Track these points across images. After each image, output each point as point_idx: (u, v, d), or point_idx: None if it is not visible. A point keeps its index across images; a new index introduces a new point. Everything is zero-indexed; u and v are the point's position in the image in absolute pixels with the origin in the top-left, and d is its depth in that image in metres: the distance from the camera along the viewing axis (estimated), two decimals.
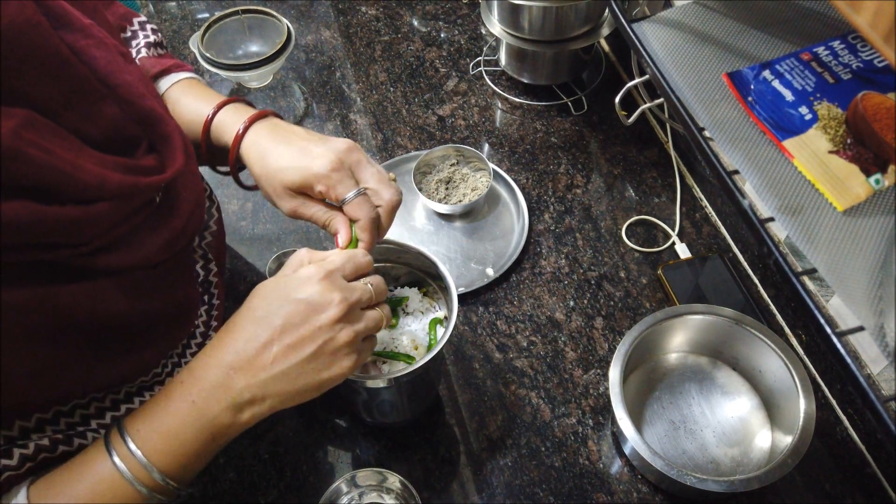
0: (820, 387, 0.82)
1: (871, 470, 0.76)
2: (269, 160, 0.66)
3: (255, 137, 0.67)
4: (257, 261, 0.95)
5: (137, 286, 0.57)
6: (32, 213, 0.45)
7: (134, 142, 0.57)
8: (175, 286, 0.64)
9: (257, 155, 0.67)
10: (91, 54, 0.53)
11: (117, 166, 0.52)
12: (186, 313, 0.67)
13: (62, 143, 0.48)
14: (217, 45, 1.12)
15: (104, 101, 0.54)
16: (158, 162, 0.58)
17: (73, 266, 0.51)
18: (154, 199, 0.58)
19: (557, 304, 0.91)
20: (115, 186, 0.51)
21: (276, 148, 0.66)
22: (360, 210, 0.63)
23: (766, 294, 0.89)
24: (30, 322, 0.48)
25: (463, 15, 1.28)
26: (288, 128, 0.69)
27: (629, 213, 0.99)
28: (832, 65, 0.62)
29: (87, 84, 0.52)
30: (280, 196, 0.66)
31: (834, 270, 0.53)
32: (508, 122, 1.12)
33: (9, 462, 0.51)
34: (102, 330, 0.54)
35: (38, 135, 0.46)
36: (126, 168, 0.53)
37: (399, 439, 0.80)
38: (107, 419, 0.59)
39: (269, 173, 0.65)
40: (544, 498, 0.76)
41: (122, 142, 0.55)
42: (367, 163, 0.66)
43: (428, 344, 0.71)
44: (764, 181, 0.58)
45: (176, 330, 0.66)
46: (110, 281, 0.54)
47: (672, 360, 0.84)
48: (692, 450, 0.77)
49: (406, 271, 0.76)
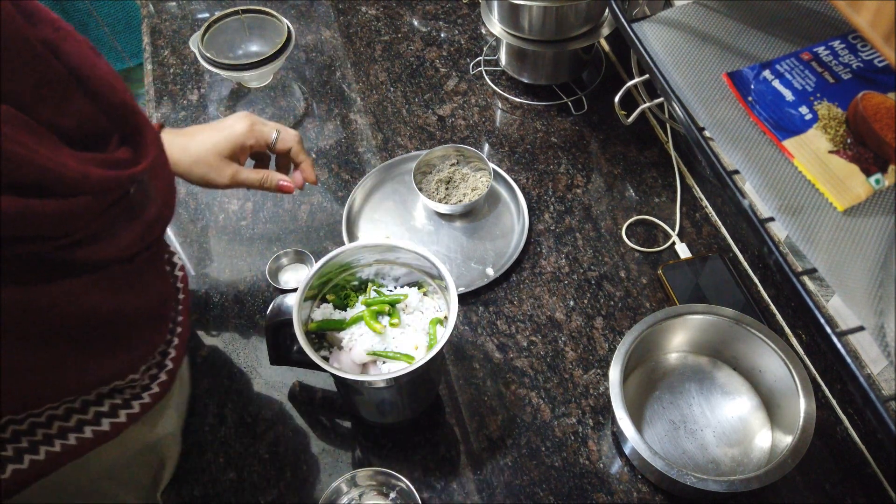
0: (820, 387, 0.82)
1: (871, 470, 0.76)
2: (193, 146, 0.78)
3: (168, 138, 0.76)
4: (257, 260, 0.95)
5: (116, 282, 0.58)
6: (16, 207, 0.45)
7: (105, 135, 0.57)
8: (151, 281, 0.65)
9: (180, 149, 0.77)
10: (63, 48, 0.53)
11: (95, 161, 0.52)
12: (163, 313, 0.68)
13: (41, 140, 0.48)
14: (217, 44, 1.12)
15: (75, 94, 0.53)
16: (132, 154, 0.58)
17: (53, 262, 0.51)
18: (129, 191, 0.59)
19: (557, 303, 0.91)
20: (96, 181, 0.51)
21: (192, 138, 0.78)
22: (289, 140, 0.82)
23: (766, 294, 0.89)
24: (11, 322, 0.48)
25: (463, 15, 1.28)
26: (180, 129, 0.81)
27: (629, 213, 0.99)
28: (832, 65, 0.62)
29: (59, 77, 0.52)
30: (218, 168, 0.78)
31: (834, 270, 0.53)
32: (508, 122, 1.12)
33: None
34: (83, 329, 0.55)
35: (18, 131, 0.46)
36: (103, 163, 0.53)
37: (399, 439, 0.80)
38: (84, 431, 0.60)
39: (200, 154, 0.78)
40: (544, 498, 0.76)
41: (95, 135, 0.56)
42: (263, 121, 0.82)
43: (428, 344, 0.71)
44: (764, 181, 0.58)
45: (154, 334, 0.67)
46: (89, 278, 0.55)
47: (672, 360, 0.84)
48: (692, 450, 0.77)
49: (406, 271, 0.76)
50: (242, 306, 0.91)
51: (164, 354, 0.70)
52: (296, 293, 0.69)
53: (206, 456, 0.79)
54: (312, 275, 0.71)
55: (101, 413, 0.62)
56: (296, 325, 0.67)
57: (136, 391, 0.66)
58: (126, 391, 0.65)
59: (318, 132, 1.11)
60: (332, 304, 0.74)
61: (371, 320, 0.71)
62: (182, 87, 1.18)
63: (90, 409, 0.62)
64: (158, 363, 0.69)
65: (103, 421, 0.62)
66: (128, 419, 0.64)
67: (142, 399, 0.66)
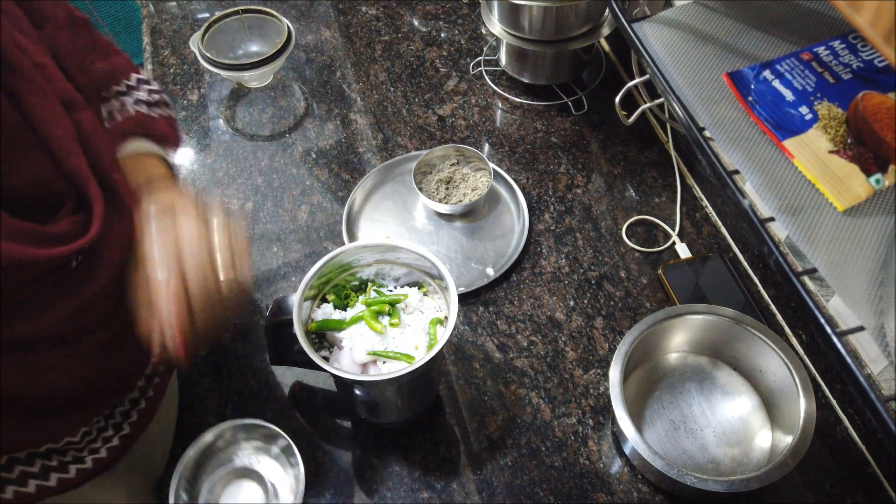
0: (820, 387, 0.82)
1: (871, 470, 0.76)
2: None
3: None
4: (257, 260, 0.95)
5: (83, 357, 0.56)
6: None
7: (59, 199, 0.52)
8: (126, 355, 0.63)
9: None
10: (28, 101, 0.49)
11: (16, 233, 0.47)
12: (130, 378, 0.67)
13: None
14: (217, 44, 1.12)
15: (33, 151, 0.50)
16: (81, 225, 0.52)
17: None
18: (70, 264, 0.53)
19: (557, 303, 0.91)
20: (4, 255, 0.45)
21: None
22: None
23: (766, 294, 0.89)
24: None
25: (463, 15, 1.28)
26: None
27: (629, 213, 0.99)
28: (832, 65, 0.62)
29: (15, 131, 0.48)
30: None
31: (834, 270, 0.53)
32: (508, 122, 1.12)
33: None
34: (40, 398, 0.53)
35: None
36: (28, 236, 0.48)
37: (399, 439, 0.80)
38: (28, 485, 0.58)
39: None
40: (544, 498, 0.76)
41: (45, 198, 0.51)
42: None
43: (428, 344, 0.71)
44: (764, 181, 0.58)
45: (114, 395, 0.65)
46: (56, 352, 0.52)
47: (672, 360, 0.84)
48: (692, 450, 0.77)
49: (406, 271, 0.76)
50: (242, 306, 0.91)
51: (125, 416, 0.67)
52: (296, 293, 0.69)
53: None
54: (312, 275, 0.71)
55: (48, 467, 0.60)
56: (296, 325, 0.67)
57: (82, 454, 0.63)
58: (69, 453, 0.62)
59: (319, 132, 1.11)
60: (332, 304, 0.74)
61: (371, 320, 0.71)
62: (182, 87, 1.18)
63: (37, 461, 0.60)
64: (116, 424, 0.67)
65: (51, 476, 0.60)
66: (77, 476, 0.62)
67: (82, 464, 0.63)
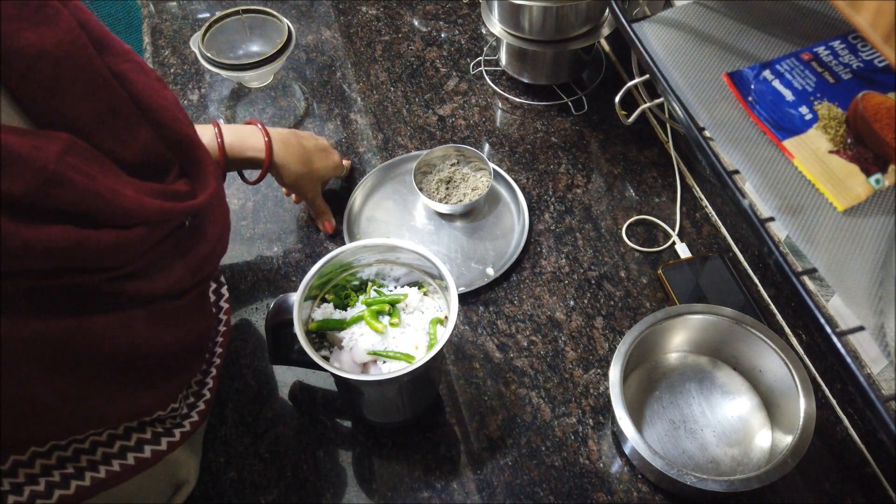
0: (820, 386, 0.82)
1: (871, 470, 0.76)
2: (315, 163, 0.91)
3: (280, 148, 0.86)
4: (258, 260, 0.95)
5: (161, 317, 0.57)
6: (73, 238, 0.45)
7: (165, 166, 0.57)
8: (197, 317, 0.65)
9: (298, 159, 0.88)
10: (130, 78, 0.54)
11: (153, 192, 0.53)
12: (204, 345, 0.69)
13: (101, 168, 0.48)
14: (217, 44, 1.12)
15: (139, 125, 0.54)
16: (190, 187, 0.58)
17: (101, 294, 0.51)
18: (184, 224, 0.59)
19: (557, 303, 0.91)
20: (152, 212, 0.51)
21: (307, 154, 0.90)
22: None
23: (766, 294, 0.89)
24: (57, 353, 0.48)
25: (463, 15, 1.28)
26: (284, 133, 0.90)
27: (629, 213, 0.99)
28: (832, 65, 0.62)
29: (125, 107, 0.53)
30: (315, 189, 0.93)
31: (834, 270, 0.53)
32: (509, 122, 1.12)
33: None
34: (126, 361, 0.54)
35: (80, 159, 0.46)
36: (161, 193, 0.53)
37: (399, 439, 0.80)
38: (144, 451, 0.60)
39: (312, 172, 0.91)
40: (544, 497, 0.76)
41: (155, 166, 0.56)
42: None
43: (428, 344, 0.71)
44: (764, 181, 0.58)
45: (194, 365, 0.67)
46: (135, 312, 0.54)
47: (672, 360, 0.85)
48: (692, 449, 0.78)
49: (406, 271, 0.76)
50: (243, 306, 0.91)
51: (202, 384, 0.70)
52: (296, 293, 0.69)
53: (207, 455, 0.79)
54: (312, 275, 0.71)
55: (143, 440, 0.62)
56: (296, 325, 0.67)
57: (176, 420, 0.66)
58: (167, 420, 0.65)
59: (319, 132, 1.11)
60: (333, 304, 0.74)
61: (371, 320, 0.71)
62: (183, 87, 1.18)
63: (133, 435, 0.61)
64: (196, 392, 0.70)
65: (146, 448, 0.62)
66: (168, 447, 0.64)
67: (182, 427, 0.66)
